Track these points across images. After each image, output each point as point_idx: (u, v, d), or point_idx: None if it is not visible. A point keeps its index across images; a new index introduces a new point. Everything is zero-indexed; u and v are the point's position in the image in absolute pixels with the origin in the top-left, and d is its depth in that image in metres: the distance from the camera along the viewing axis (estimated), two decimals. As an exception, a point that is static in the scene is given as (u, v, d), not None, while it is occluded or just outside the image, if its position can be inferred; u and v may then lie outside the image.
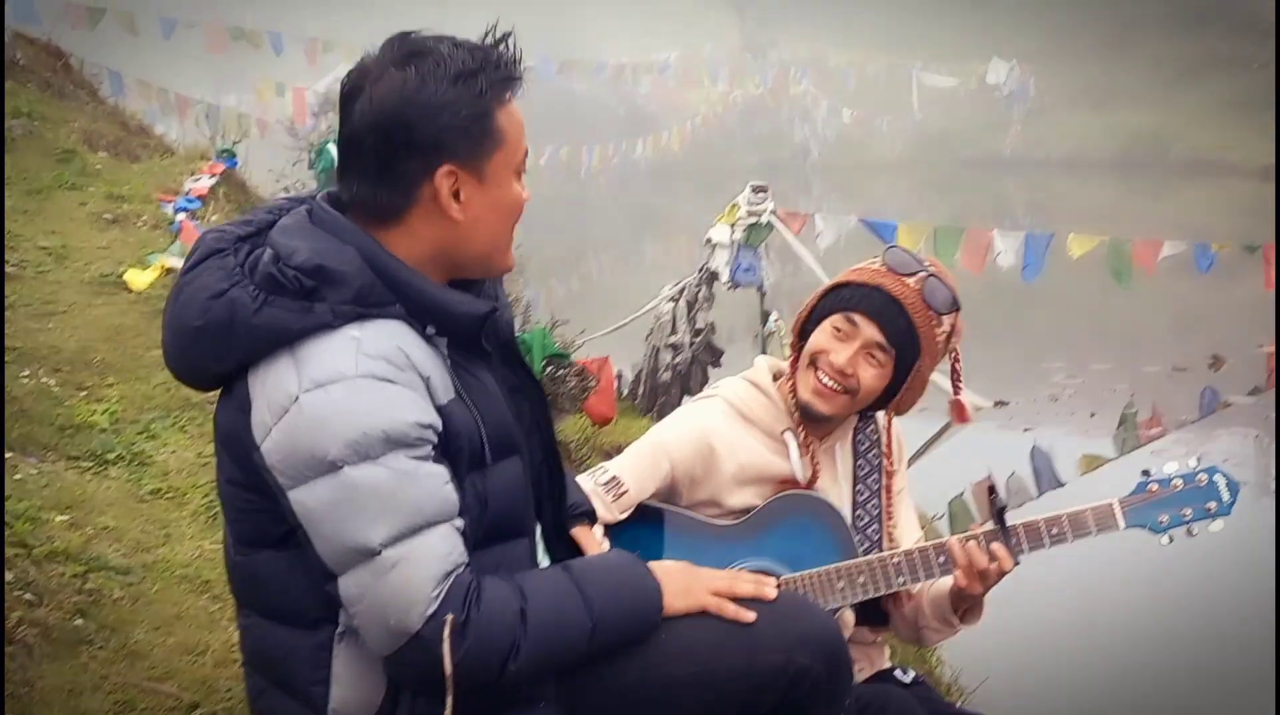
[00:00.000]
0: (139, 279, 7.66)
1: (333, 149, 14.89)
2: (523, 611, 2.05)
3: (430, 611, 2.00)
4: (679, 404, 3.14)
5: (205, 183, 10.73)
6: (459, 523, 2.06)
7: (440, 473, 2.05)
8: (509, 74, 2.14)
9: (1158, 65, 37.02)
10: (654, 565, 2.23)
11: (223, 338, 2.05)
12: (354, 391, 1.99)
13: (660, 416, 3.10)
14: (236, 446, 2.09)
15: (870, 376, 2.79)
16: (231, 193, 11.15)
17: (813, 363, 2.81)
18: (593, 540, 2.51)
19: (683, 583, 2.22)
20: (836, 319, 2.79)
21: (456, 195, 2.11)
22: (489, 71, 2.10)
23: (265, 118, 19.45)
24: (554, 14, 43.67)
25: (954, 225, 10.16)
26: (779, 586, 2.57)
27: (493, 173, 2.13)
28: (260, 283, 2.05)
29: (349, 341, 2.02)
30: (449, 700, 1.83)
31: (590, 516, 2.55)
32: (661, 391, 8.45)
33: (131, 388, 5.73)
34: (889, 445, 3.00)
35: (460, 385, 2.13)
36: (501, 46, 2.14)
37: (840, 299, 2.80)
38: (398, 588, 1.99)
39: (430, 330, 2.11)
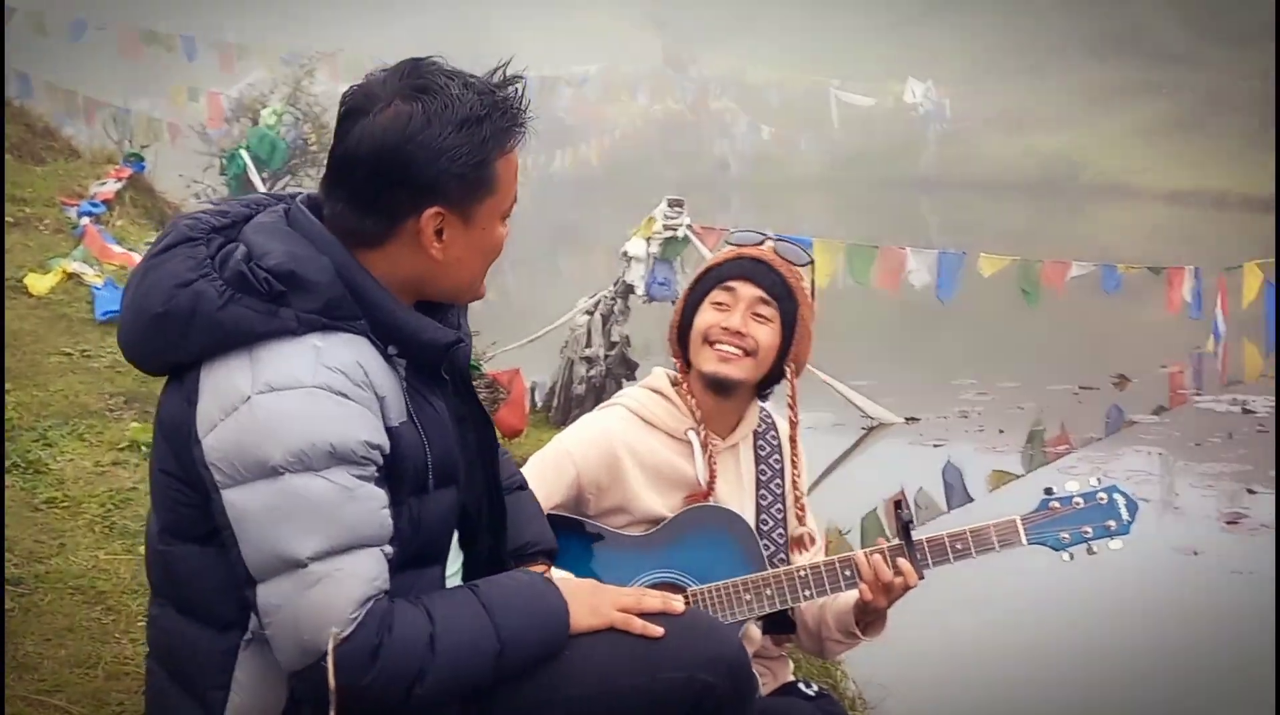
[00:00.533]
0: (39, 283, 7.49)
1: (245, 155, 14.81)
2: (432, 637, 2.03)
3: (345, 633, 1.97)
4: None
5: (111, 187, 10.56)
6: (388, 550, 2.04)
7: (380, 496, 2.03)
8: (514, 122, 2.12)
9: (1071, 91, 37.72)
10: (561, 583, 2.22)
11: (182, 328, 2.02)
12: (308, 400, 1.97)
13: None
14: (176, 437, 2.05)
15: (764, 333, 2.87)
16: (139, 197, 10.99)
17: (706, 339, 2.87)
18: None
19: (590, 601, 2.20)
20: (714, 294, 2.90)
21: (439, 233, 2.09)
22: (495, 119, 2.08)
23: (177, 122, 19.18)
24: (474, 25, 43.66)
25: (869, 243, 10.26)
26: (686, 601, 2.57)
27: (479, 217, 2.12)
28: (229, 279, 2.02)
29: (310, 350, 2.00)
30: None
31: (550, 555, 2.51)
32: (576, 404, 8.42)
33: (29, 394, 5.61)
34: (794, 427, 3.00)
35: (413, 409, 2.11)
36: (511, 89, 2.12)
37: (709, 280, 2.93)
38: (317, 604, 1.96)
39: (392, 350, 2.10)
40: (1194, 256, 13.35)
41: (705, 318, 2.88)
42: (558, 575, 2.29)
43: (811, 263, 3.01)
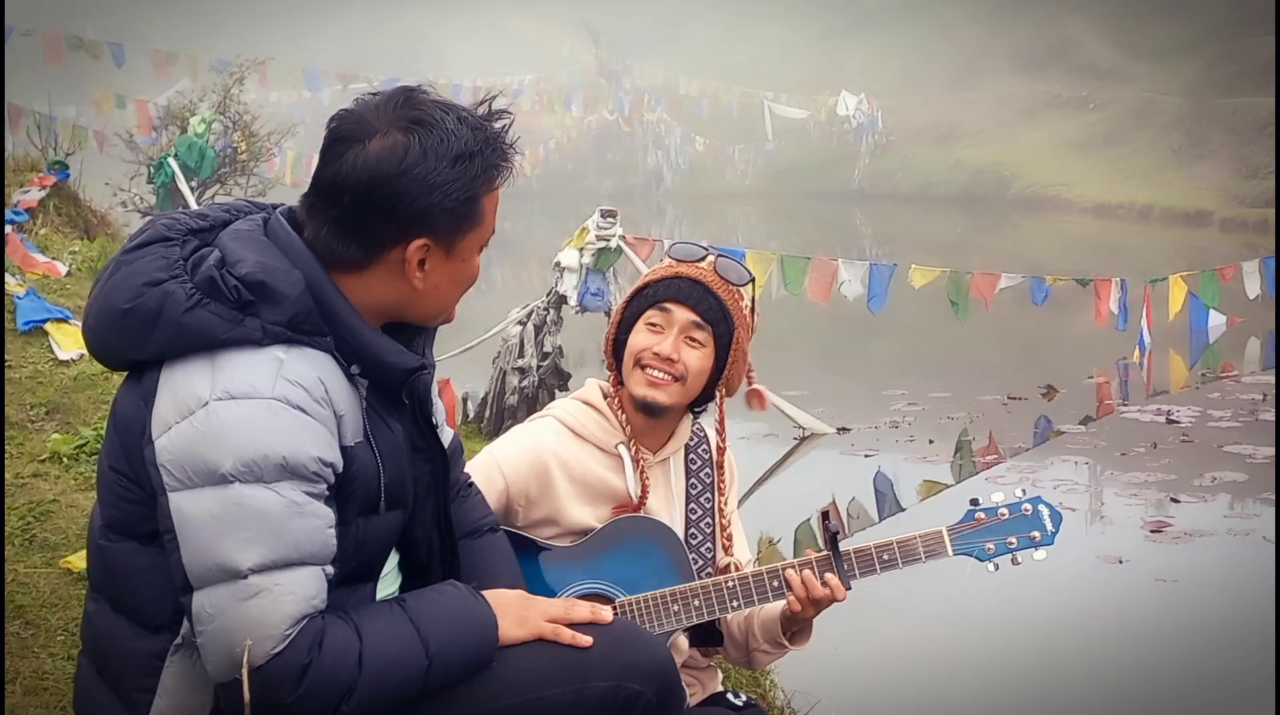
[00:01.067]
0: (-41, 292, 7.32)
1: (173, 163, 14.62)
2: (360, 654, 2.02)
3: (276, 650, 1.96)
4: (518, 427, 3.16)
5: (34, 195, 10.40)
6: (329, 570, 2.03)
7: (327, 515, 2.02)
8: (503, 160, 2.15)
9: (999, 105, 38.15)
10: (490, 595, 2.22)
11: (146, 327, 2.02)
12: (264, 411, 1.97)
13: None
14: (129, 435, 2.05)
15: (695, 358, 2.85)
16: (63, 205, 10.83)
17: (638, 362, 2.85)
18: None
19: (518, 612, 2.21)
20: (649, 315, 2.87)
21: (421, 264, 2.11)
22: (486, 155, 2.11)
23: (104, 130, 18.90)
24: (407, 36, 43.47)
25: (802, 254, 10.32)
26: (615, 611, 2.56)
27: (462, 249, 2.15)
28: (199, 283, 2.02)
29: (272, 361, 2.00)
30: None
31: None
32: (508, 415, 8.39)
33: (-53, 405, 5.49)
34: (721, 453, 3.00)
35: (371, 429, 2.11)
36: (499, 124, 2.14)
37: (646, 298, 2.89)
38: (253, 617, 1.95)
39: (355, 370, 2.10)
40: (1120, 269, 13.59)
41: (638, 339, 2.86)
42: (488, 590, 2.27)
43: (752, 281, 2.97)
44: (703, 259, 2.91)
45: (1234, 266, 12.80)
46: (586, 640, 2.19)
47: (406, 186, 2.04)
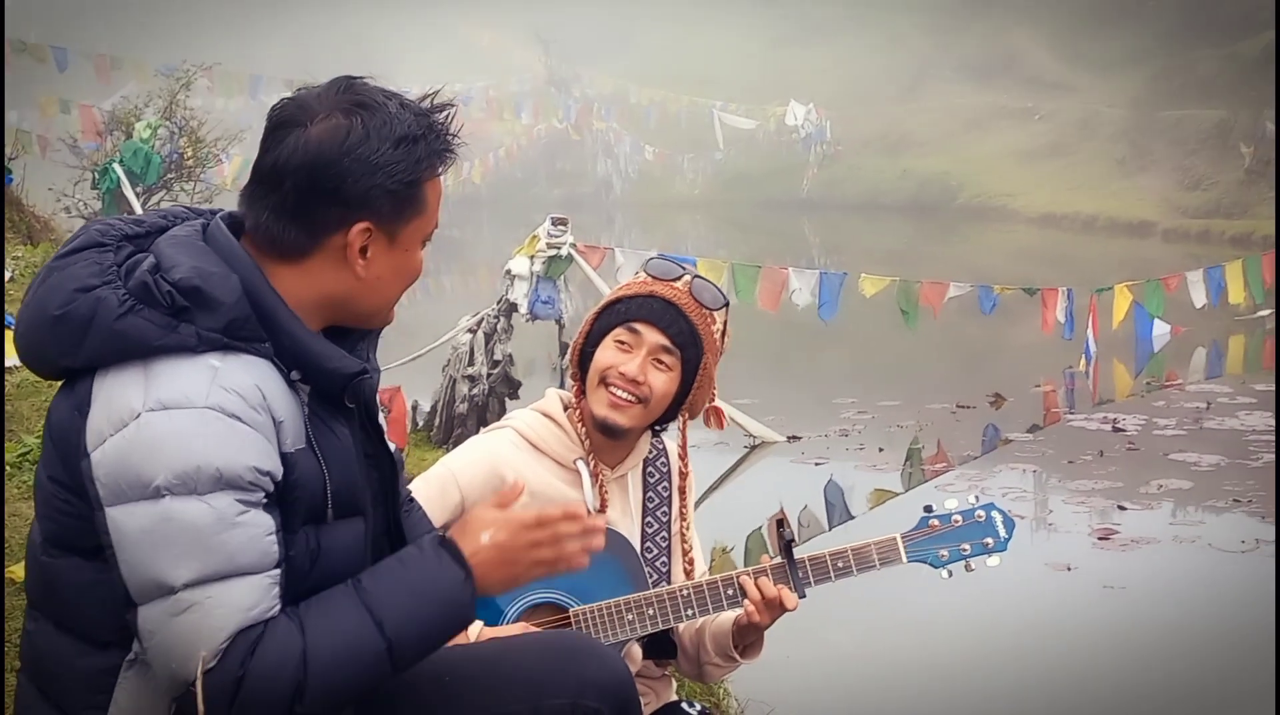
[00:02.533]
0: (-100, 298, 7.20)
1: (118, 168, 14.48)
2: (304, 652, 1.96)
3: (210, 666, 1.91)
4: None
5: (-23, 199, 10.24)
6: (275, 574, 1.97)
7: (265, 523, 1.96)
8: (446, 147, 2.12)
9: (946, 115, 38.45)
10: (466, 544, 2.07)
11: (78, 334, 1.97)
12: (198, 422, 1.92)
13: (454, 449, 3.06)
14: (65, 446, 2.00)
15: (661, 381, 2.81)
16: (6, 211, 10.66)
17: (603, 381, 2.81)
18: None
19: (501, 566, 2.08)
20: (618, 332, 2.82)
21: (364, 252, 2.07)
22: (430, 141, 2.08)
23: (48, 135, 18.68)
24: (355, 42, 43.22)
25: (751, 263, 10.35)
26: (567, 621, 2.54)
27: (404, 238, 2.11)
28: (132, 289, 1.97)
29: (207, 369, 1.95)
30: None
31: None
32: (458, 423, 8.36)
33: (-114, 413, 5.39)
34: (684, 477, 2.98)
35: (314, 435, 2.06)
36: (442, 115, 2.12)
37: (617, 314, 2.84)
38: (185, 633, 1.91)
39: (295, 375, 2.05)
40: (1065, 278, 13.70)
41: (605, 356, 2.82)
42: (461, 534, 2.11)
43: (726, 305, 2.91)
44: (679, 279, 2.85)
45: (1178, 276, 12.96)
46: (585, 561, 2.14)
47: (349, 167, 2.01)
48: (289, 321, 2.04)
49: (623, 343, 2.81)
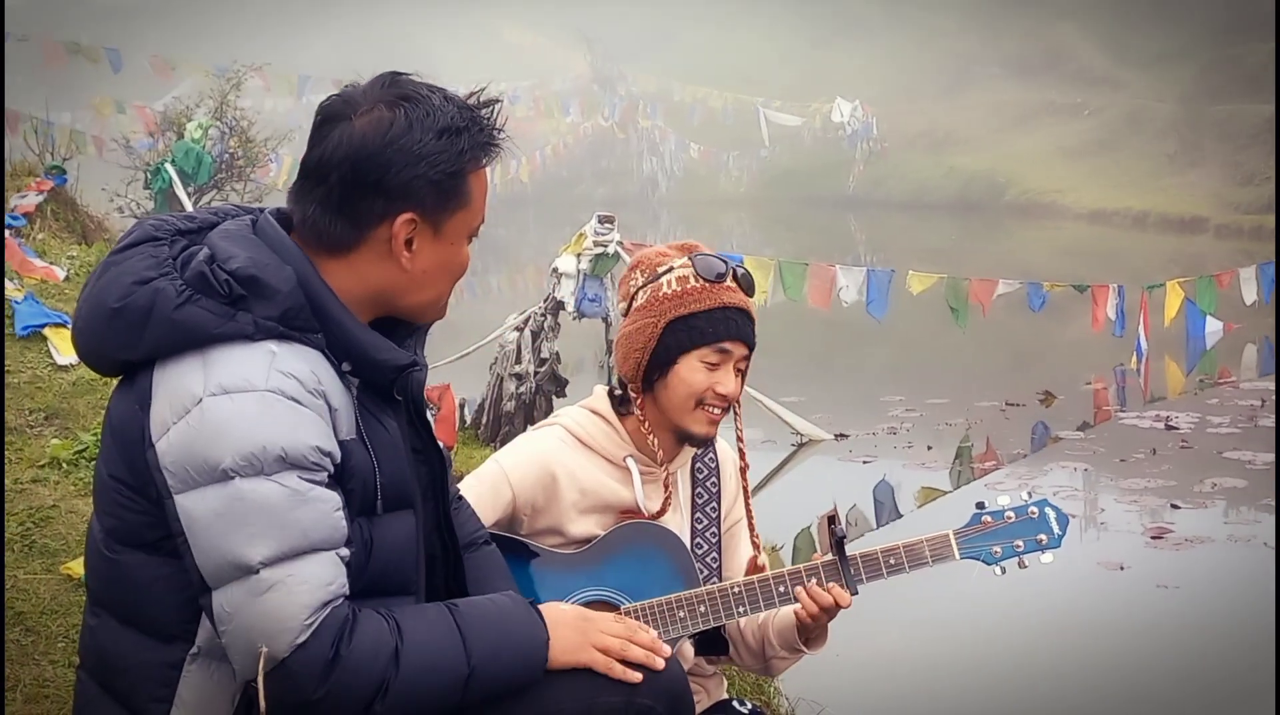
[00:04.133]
0: (-42, 297, 7.31)
1: (170, 169, 14.61)
2: (397, 651, 1.99)
3: (299, 641, 1.93)
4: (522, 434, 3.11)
5: (32, 199, 10.39)
6: (345, 552, 2.00)
7: (332, 499, 1.99)
8: (490, 139, 2.14)
9: (993, 111, 38.20)
10: (549, 612, 2.17)
11: (137, 325, 2.00)
12: (259, 404, 1.95)
13: (503, 446, 3.04)
14: (127, 442, 2.02)
15: (741, 384, 2.82)
16: (60, 210, 10.82)
17: (700, 402, 2.77)
18: None
19: (573, 638, 2.15)
20: (705, 354, 2.76)
21: (409, 244, 2.09)
22: (473, 132, 2.11)
23: (102, 135, 18.87)
24: (401, 39, 43.41)
25: (799, 261, 10.31)
26: (622, 613, 2.54)
27: (450, 230, 2.13)
28: (189, 279, 2.00)
29: (265, 354, 1.98)
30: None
31: None
32: (505, 421, 8.38)
33: (-55, 410, 5.47)
34: (743, 464, 2.98)
35: (364, 428, 2.09)
36: (486, 111, 2.15)
37: (697, 332, 2.76)
38: (270, 612, 1.92)
39: (346, 367, 2.08)
40: (1115, 275, 13.58)
41: (697, 378, 2.76)
42: (547, 604, 2.22)
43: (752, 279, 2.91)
44: (728, 273, 2.80)
45: (1231, 273, 12.80)
46: (636, 676, 2.14)
47: (392, 157, 2.04)
48: (340, 313, 2.06)
49: (712, 364, 2.76)
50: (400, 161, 2.04)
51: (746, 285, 2.83)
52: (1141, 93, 36.17)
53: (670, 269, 2.80)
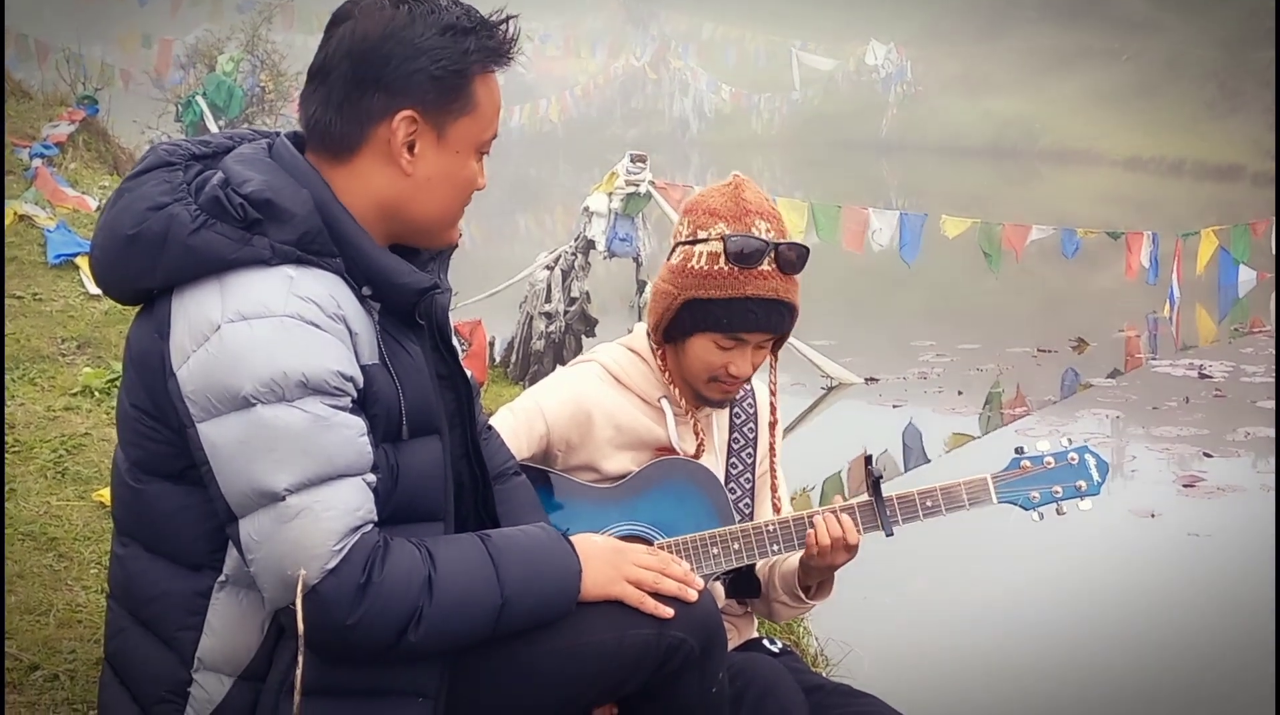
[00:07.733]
0: (-10, 226, 7.33)
1: (201, 102, 14.61)
2: (429, 579, 1.97)
3: (330, 566, 1.91)
4: (552, 372, 3.07)
5: (64, 129, 10.39)
6: (371, 478, 1.98)
7: (357, 424, 1.97)
8: (500, 48, 2.10)
9: (1029, 55, 37.71)
10: (581, 544, 2.15)
11: (153, 251, 1.97)
12: (278, 329, 1.92)
13: (532, 385, 3.01)
14: (148, 371, 2.00)
15: (762, 357, 2.77)
16: (92, 141, 10.82)
17: (712, 378, 2.74)
18: None
19: (606, 571, 2.13)
20: (719, 338, 2.71)
21: (411, 147, 2.05)
22: (481, 36, 2.06)
23: (130, 69, 18.86)
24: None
25: (832, 204, 10.23)
26: (655, 549, 2.53)
27: (454, 137, 2.08)
28: (204, 204, 1.97)
29: (283, 279, 1.95)
30: (300, 661, 1.73)
31: None
32: (535, 360, 8.38)
33: (-22, 339, 5.50)
34: (774, 418, 2.95)
35: (387, 352, 2.05)
36: (501, 27, 2.10)
37: (712, 319, 2.69)
38: (298, 538, 1.91)
39: (366, 291, 2.04)
40: (1150, 222, 13.47)
41: (709, 357, 2.71)
42: (579, 535, 2.21)
43: (807, 252, 2.75)
44: (765, 254, 2.67)
45: (1266, 222, 12.64)
46: (668, 612, 2.11)
47: (392, 50, 2.01)
48: (358, 236, 2.03)
49: (725, 347, 2.71)
50: (400, 54, 2.01)
51: (786, 264, 2.69)
52: (1182, 37, 35.60)
53: (707, 239, 2.70)
